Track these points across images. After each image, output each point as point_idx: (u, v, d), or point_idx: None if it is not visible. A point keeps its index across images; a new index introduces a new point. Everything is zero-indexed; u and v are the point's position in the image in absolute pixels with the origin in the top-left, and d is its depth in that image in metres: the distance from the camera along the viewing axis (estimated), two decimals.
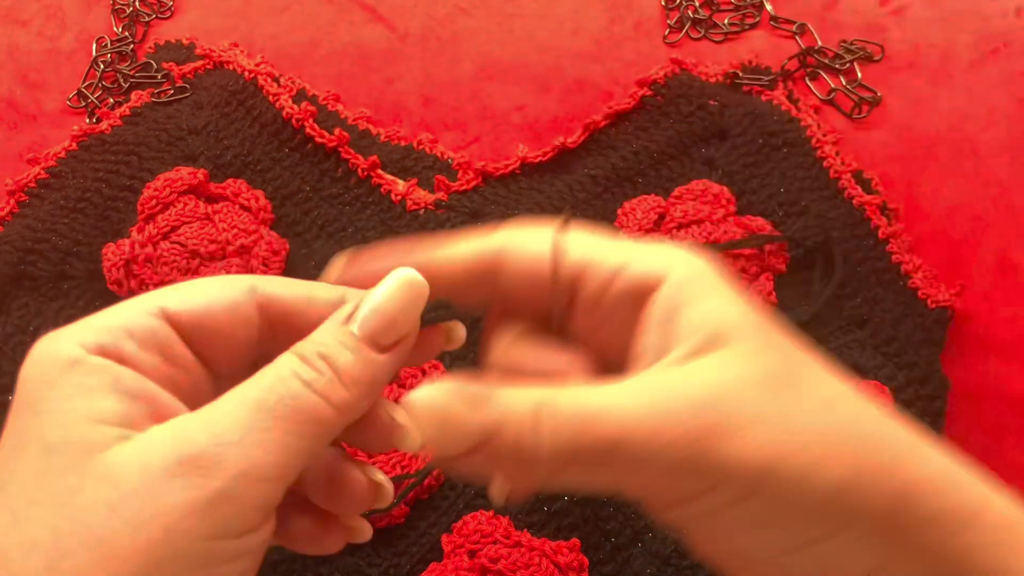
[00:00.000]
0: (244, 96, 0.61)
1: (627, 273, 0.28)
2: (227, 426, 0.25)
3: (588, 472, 0.26)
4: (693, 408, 0.25)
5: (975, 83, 0.63)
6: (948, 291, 0.55)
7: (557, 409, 0.26)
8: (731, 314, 0.27)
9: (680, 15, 0.68)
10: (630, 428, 0.25)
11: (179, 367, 0.28)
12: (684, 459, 0.25)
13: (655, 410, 0.25)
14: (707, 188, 0.56)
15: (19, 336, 0.53)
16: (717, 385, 0.26)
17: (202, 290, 0.28)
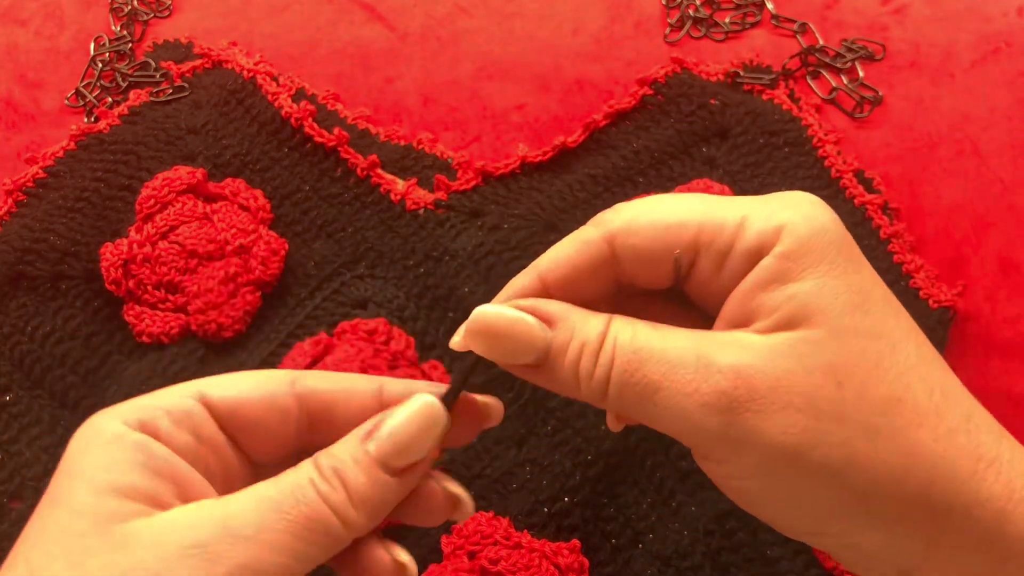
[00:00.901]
0: (243, 95, 0.61)
1: (743, 240, 0.28)
2: (242, 520, 0.26)
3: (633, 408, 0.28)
4: (730, 377, 0.26)
5: (976, 83, 0.63)
6: (950, 291, 0.54)
7: (618, 341, 0.28)
8: (823, 291, 0.27)
9: (681, 14, 0.67)
10: (672, 377, 0.26)
11: (210, 448, 0.29)
12: (710, 422, 0.26)
13: (700, 366, 0.26)
14: (708, 187, 0.56)
15: (17, 336, 0.53)
16: (767, 361, 0.26)
17: (243, 380, 0.30)
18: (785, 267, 0.27)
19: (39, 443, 0.51)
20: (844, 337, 0.26)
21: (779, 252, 0.27)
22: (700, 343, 0.27)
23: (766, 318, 0.27)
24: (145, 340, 0.53)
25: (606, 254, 0.29)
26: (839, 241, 0.28)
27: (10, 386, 0.52)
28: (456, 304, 0.54)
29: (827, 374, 0.26)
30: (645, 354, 0.27)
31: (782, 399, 0.26)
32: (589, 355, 0.28)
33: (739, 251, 0.28)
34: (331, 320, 0.53)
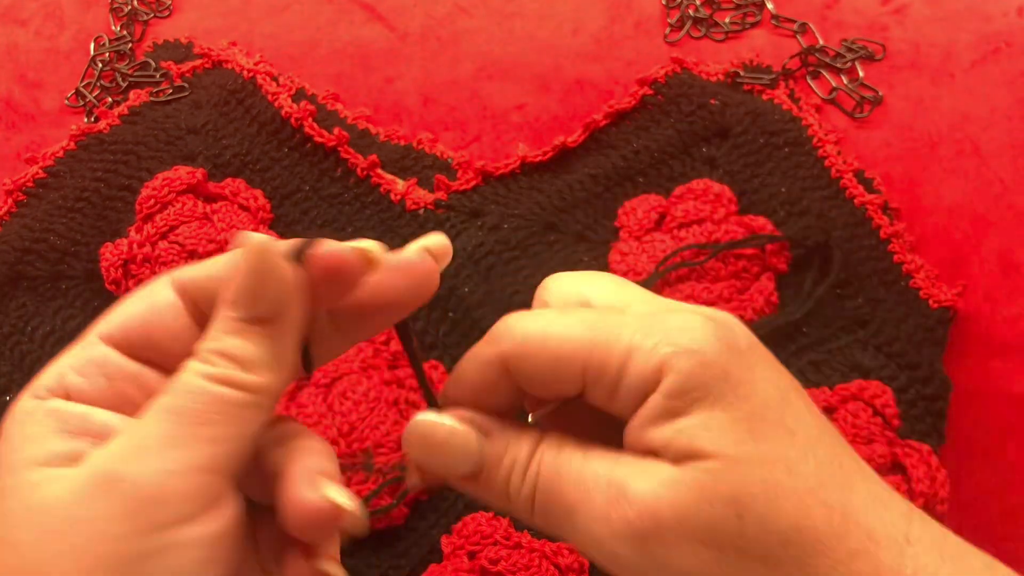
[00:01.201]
0: (243, 95, 0.61)
1: (627, 380, 0.28)
2: (145, 435, 0.27)
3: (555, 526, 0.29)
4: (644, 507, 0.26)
5: (976, 83, 0.63)
6: (950, 291, 0.54)
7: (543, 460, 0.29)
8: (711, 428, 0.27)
9: (681, 14, 0.67)
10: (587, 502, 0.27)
11: (126, 381, 0.29)
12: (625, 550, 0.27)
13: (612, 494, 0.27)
14: (708, 187, 0.56)
15: (17, 336, 0.53)
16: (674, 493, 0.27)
17: (128, 303, 0.30)
18: (671, 405, 0.27)
19: None
20: (740, 467, 0.26)
21: (664, 390, 0.27)
22: (615, 469, 0.28)
23: (663, 453, 0.27)
24: None
25: (501, 372, 0.29)
26: (724, 371, 0.27)
27: (10, 386, 0.52)
28: (456, 304, 0.54)
29: (727, 505, 0.26)
30: (564, 475, 0.28)
31: (687, 532, 0.26)
32: (519, 471, 0.29)
33: (625, 388, 0.28)
34: None
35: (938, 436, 0.50)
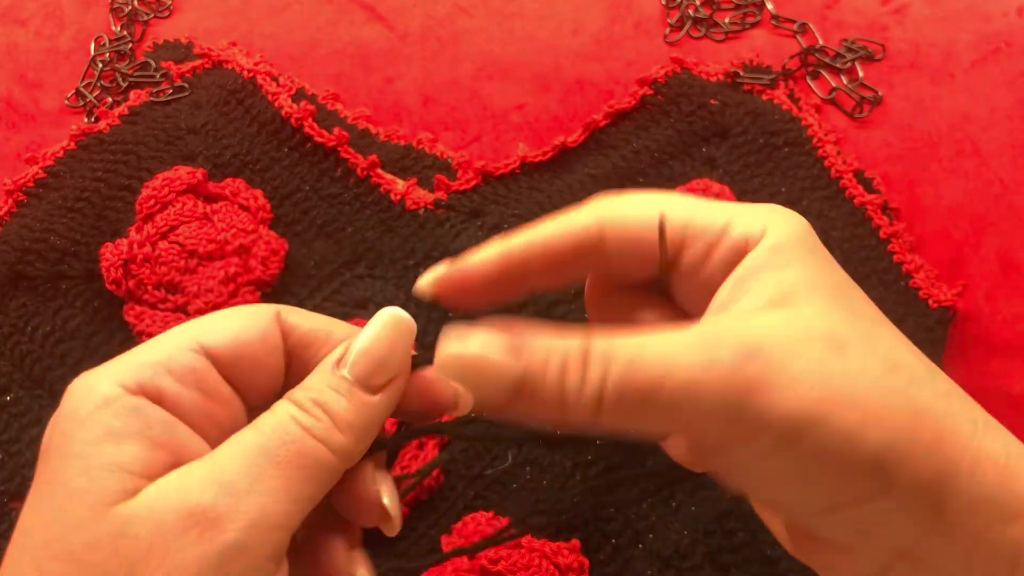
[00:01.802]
0: (243, 95, 0.61)
1: (729, 236, 0.29)
2: (235, 475, 0.25)
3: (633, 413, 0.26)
4: (741, 354, 0.25)
5: (976, 83, 0.63)
6: (950, 291, 0.54)
7: (609, 347, 0.26)
8: (810, 277, 0.28)
9: (681, 14, 0.67)
10: (674, 367, 0.25)
11: (216, 401, 0.28)
12: (726, 404, 0.25)
13: (703, 353, 0.25)
14: (708, 187, 0.56)
15: (17, 336, 0.53)
16: (771, 335, 0.26)
17: (234, 320, 0.29)
18: (772, 258, 0.28)
19: (39, 443, 0.51)
20: (834, 313, 0.27)
21: (767, 245, 0.28)
22: (699, 328, 0.27)
23: (756, 299, 0.27)
24: (145, 340, 0.53)
25: (595, 238, 0.29)
26: (816, 245, 0.29)
27: (10, 386, 0.52)
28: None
29: (827, 342, 0.26)
30: (640, 354, 0.26)
31: (792, 369, 0.25)
32: (574, 368, 0.26)
33: (726, 244, 0.29)
34: None
35: None
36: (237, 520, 0.25)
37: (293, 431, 0.26)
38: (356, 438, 0.27)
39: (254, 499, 0.25)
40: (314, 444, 0.26)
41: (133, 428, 0.26)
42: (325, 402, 0.27)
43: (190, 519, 0.24)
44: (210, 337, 0.28)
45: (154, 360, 0.27)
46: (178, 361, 0.27)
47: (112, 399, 0.26)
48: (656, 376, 0.25)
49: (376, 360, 0.28)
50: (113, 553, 0.24)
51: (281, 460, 0.26)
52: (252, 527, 0.25)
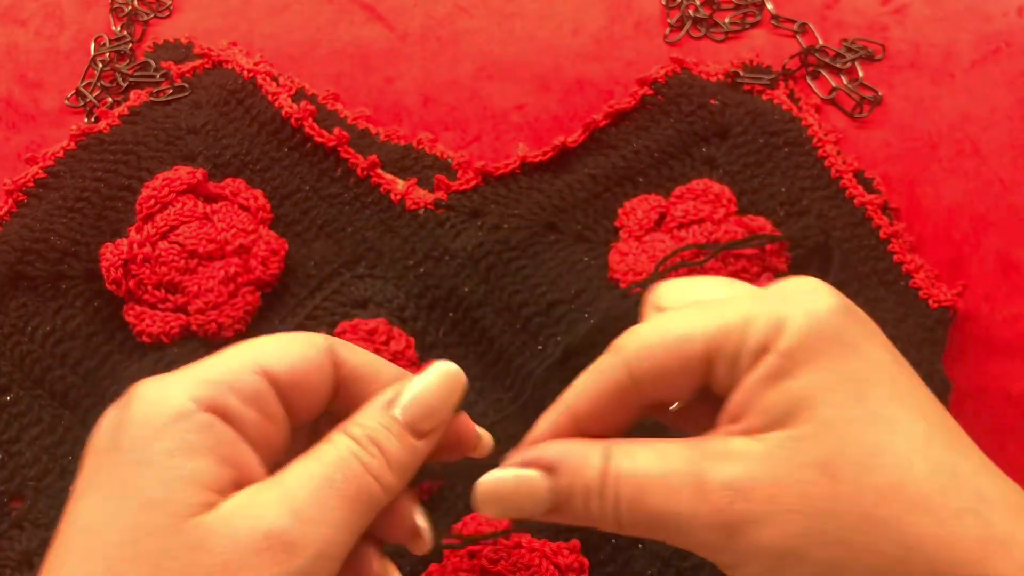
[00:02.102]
0: (243, 95, 0.61)
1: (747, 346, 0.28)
2: (304, 503, 0.27)
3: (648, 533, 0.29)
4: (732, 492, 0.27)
5: (976, 83, 0.63)
6: (950, 291, 0.54)
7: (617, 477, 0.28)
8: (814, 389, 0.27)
9: (681, 14, 0.67)
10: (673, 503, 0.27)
11: (273, 422, 0.30)
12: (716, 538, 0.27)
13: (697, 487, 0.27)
14: (708, 187, 0.56)
15: (17, 336, 0.53)
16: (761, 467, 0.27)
17: (293, 347, 0.31)
18: (782, 364, 0.27)
19: (39, 443, 0.51)
20: (835, 429, 0.26)
21: (778, 349, 0.27)
22: (695, 459, 0.28)
23: (757, 417, 0.27)
24: (145, 340, 0.53)
25: (625, 380, 0.30)
26: (839, 330, 0.27)
27: (10, 386, 0.52)
28: (456, 304, 0.54)
29: (820, 470, 0.26)
30: (645, 484, 0.28)
31: (778, 505, 0.26)
32: (595, 498, 0.29)
33: (745, 355, 0.28)
34: (331, 320, 0.53)
35: None
36: (308, 548, 0.26)
37: (354, 466, 0.28)
38: (402, 477, 0.30)
39: (322, 529, 0.27)
40: (370, 480, 0.28)
41: (206, 444, 0.27)
42: (379, 440, 0.29)
43: (264, 541, 0.26)
44: (271, 361, 0.30)
45: (221, 379, 0.29)
46: (243, 382, 0.29)
47: (187, 413, 0.27)
48: (657, 511, 0.28)
49: (427, 408, 0.30)
50: (190, 563, 0.25)
51: (344, 493, 0.28)
52: (319, 556, 0.27)
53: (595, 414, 0.30)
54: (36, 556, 0.48)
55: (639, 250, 0.55)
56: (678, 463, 0.28)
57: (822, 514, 0.26)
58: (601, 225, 0.57)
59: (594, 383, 0.30)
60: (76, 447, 0.51)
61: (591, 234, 0.57)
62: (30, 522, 0.49)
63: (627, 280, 0.54)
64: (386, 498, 0.29)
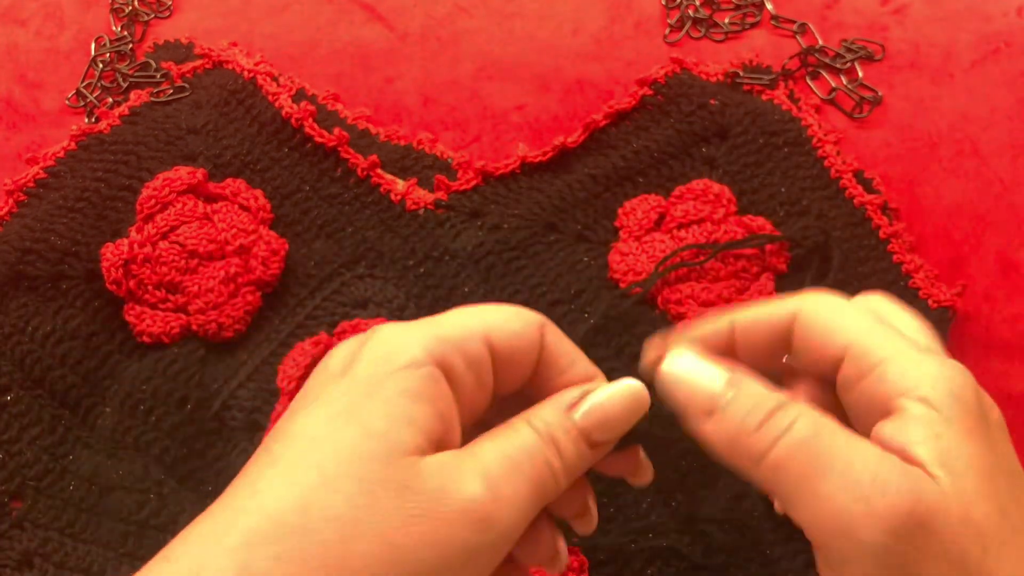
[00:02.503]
0: (243, 96, 0.61)
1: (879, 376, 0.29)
2: (501, 481, 0.28)
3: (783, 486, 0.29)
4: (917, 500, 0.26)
5: (976, 83, 0.63)
6: (949, 291, 0.54)
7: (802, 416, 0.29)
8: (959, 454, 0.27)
9: (680, 14, 0.67)
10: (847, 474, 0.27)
11: (482, 390, 0.31)
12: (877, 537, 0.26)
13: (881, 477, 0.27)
14: (708, 188, 0.56)
15: (17, 336, 0.53)
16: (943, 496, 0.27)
17: (515, 321, 0.31)
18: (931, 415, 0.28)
19: (39, 443, 0.51)
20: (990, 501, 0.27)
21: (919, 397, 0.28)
22: (883, 458, 0.27)
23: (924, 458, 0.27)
24: (146, 340, 0.53)
25: (783, 329, 0.31)
26: (972, 411, 0.28)
27: (10, 386, 0.52)
28: (456, 304, 0.54)
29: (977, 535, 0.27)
30: (826, 440, 0.28)
31: (946, 544, 0.26)
32: (758, 413, 0.29)
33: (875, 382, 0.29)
34: (331, 320, 0.53)
35: None
36: (500, 523, 0.27)
37: (540, 456, 0.29)
38: (568, 482, 0.30)
39: (511, 510, 0.28)
40: (548, 475, 0.29)
41: (430, 395, 0.28)
42: (559, 440, 0.29)
43: (466, 505, 0.27)
44: (495, 331, 0.30)
45: (453, 339, 0.29)
46: (470, 347, 0.30)
47: (419, 363, 0.28)
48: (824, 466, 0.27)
49: (606, 421, 0.30)
50: (396, 497, 0.26)
51: (531, 479, 0.28)
52: (507, 533, 0.28)
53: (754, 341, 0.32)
54: (36, 556, 0.48)
55: (639, 250, 0.55)
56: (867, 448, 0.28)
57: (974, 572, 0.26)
58: (601, 225, 0.57)
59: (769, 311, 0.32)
60: (76, 447, 0.51)
61: (591, 234, 0.57)
62: (30, 522, 0.49)
63: (627, 280, 0.54)
64: (555, 495, 0.30)
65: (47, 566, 0.48)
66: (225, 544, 0.26)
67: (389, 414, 0.28)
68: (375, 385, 0.28)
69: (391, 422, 0.27)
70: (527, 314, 0.31)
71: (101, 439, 0.51)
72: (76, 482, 0.50)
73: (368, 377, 0.28)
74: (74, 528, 0.49)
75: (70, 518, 0.49)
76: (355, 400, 0.28)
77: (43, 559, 0.48)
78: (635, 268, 0.54)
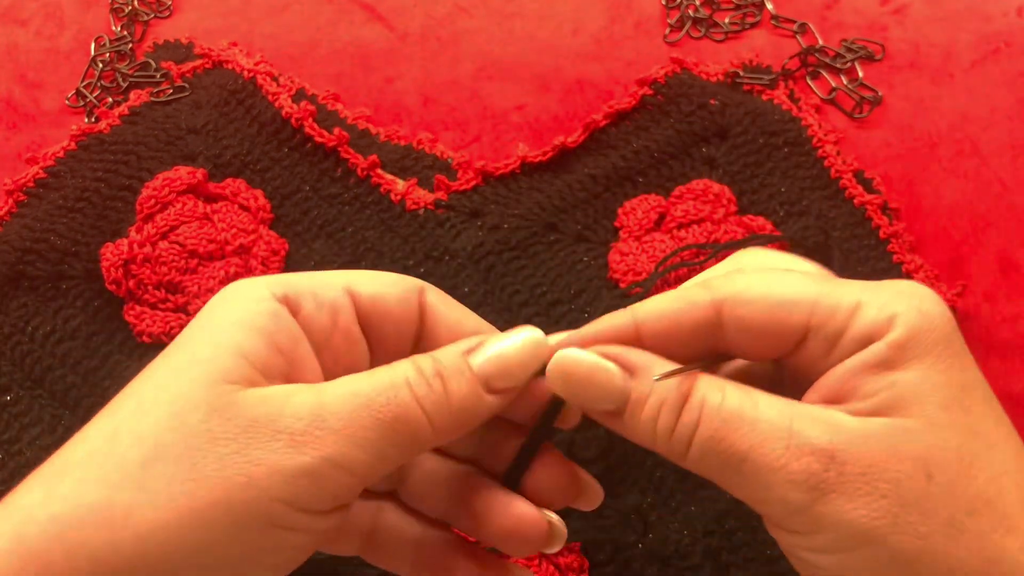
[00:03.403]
0: (243, 95, 0.61)
1: (854, 328, 0.28)
2: (332, 411, 0.27)
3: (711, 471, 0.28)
4: (828, 456, 0.26)
5: (976, 83, 0.63)
6: (949, 291, 0.54)
7: (706, 404, 0.28)
8: (924, 386, 0.27)
9: (681, 14, 0.67)
10: (761, 449, 0.27)
11: (344, 337, 0.30)
12: (795, 498, 0.26)
13: (792, 442, 0.27)
14: (708, 187, 0.56)
15: (17, 336, 0.53)
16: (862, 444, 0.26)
17: (383, 279, 0.31)
18: (893, 355, 0.27)
19: (39, 443, 0.51)
20: (940, 431, 0.27)
21: (890, 340, 0.27)
22: (793, 416, 0.27)
23: (863, 400, 0.27)
24: (146, 340, 0.53)
25: (711, 319, 0.29)
26: (948, 337, 0.28)
27: (10, 386, 0.52)
28: None
29: (918, 464, 0.26)
30: (735, 423, 0.27)
31: (870, 483, 0.26)
32: (668, 412, 0.28)
33: (850, 336, 0.28)
34: None
35: None
36: (318, 450, 0.27)
37: (402, 394, 0.28)
38: (457, 423, 0.29)
39: (341, 440, 0.27)
40: (418, 413, 0.28)
41: (265, 327, 0.28)
42: (447, 378, 0.29)
43: (279, 433, 0.27)
44: (357, 283, 0.31)
45: (303, 283, 0.30)
46: (323, 290, 0.30)
47: (258, 298, 0.29)
48: (738, 452, 0.27)
49: (505, 368, 0.30)
50: (204, 419, 0.26)
51: (380, 416, 0.27)
52: (327, 460, 0.27)
53: (663, 337, 0.30)
54: None
55: (639, 250, 0.55)
56: (772, 413, 0.27)
57: (911, 506, 0.26)
58: (601, 225, 0.57)
59: (673, 307, 0.30)
60: None
61: (591, 234, 0.57)
62: None
63: (627, 280, 0.54)
64: (433, 439, 0.29)
65: None
66: (42, 473, 0.27)
67: (216, 342, 0.28)
68: (208, 319, 0.29)
69: (217, 350, 0.28)
70: (401, 276, 0.32)
71: None
72: None
73: (204, 315, 0.29)
74: None
75: None
76: (189, 332, 0.29)
77: None
78: (635, 268, 0.54)
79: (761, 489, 0.27)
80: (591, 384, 0.29)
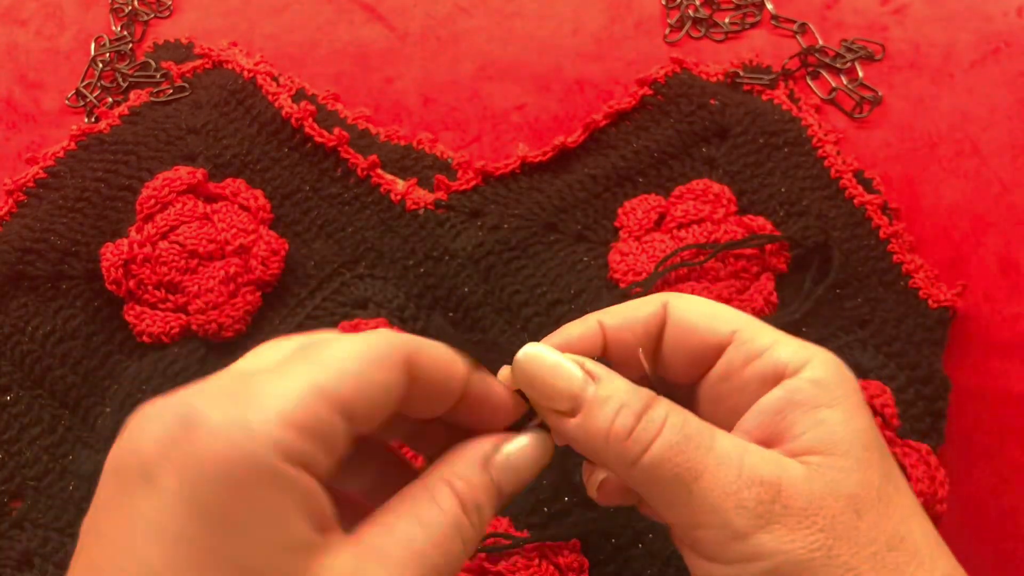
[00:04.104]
0: (243, 95, 0.61)
1: (771, 354, 0.31)
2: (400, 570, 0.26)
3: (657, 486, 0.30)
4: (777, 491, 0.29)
5: (976, 83, 0.63)
6: (949, 291, 0.54)
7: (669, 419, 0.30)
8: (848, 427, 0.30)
9: (681, 14, 0.67)
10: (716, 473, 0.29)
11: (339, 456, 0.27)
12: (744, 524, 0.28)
13: (745, 472, 0.29)
14: (708, 187, 0.56)
15: (17, 336, 0.53)
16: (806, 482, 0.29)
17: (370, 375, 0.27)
18: (815, 392, 0.30)
19: (39, 443, 0.51)
20: (865, 471, 0.29)
21: (810, 378, 0.30)
22: (744, 450, 0.30)
23: (794, 440, 0.30)
24: (146, 340, 0.53)
25: (660, 320, 0.32)
26: (856, 388, 0.31)
27: (10, 386, 0.52)
28: (456, 304, 0.54)
29: (850, 502, 0.29)
30: (695, 442, 0.29)
31: (810, 518, 0.28)
32: (628, 414, 0.30)
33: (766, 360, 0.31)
34: (331, 320, 0.53)
35: (937, 436, 0.50)
36: None
37: (455, 547, 0.28)
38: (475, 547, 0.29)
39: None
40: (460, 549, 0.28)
41: (297, 504, 0.25)
42: (482, 507, 0.29)
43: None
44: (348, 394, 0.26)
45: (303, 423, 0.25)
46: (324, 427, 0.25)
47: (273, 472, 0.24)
48: (694, 469, 0.29)
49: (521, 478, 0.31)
50: None
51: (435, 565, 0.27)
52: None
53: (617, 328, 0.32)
54: (36, 556, 0.48)
55: (639, 250, 0.55)
56: (727, 444, 0.30)
57: (843, 540, 0.28)
58: (601, 225, 0.57)
59: (632, 310, 0.32)
60: (76, 447, 0.51)
61: (591, 234, 0.57)
62: (30, 522, 0.49)
63: (627, 280, 0.54)
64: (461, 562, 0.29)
65: (47, 566, 0.48)
66: None
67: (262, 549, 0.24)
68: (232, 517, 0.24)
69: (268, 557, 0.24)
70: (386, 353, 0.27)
71: (101, 439, 0.51)
72: (76, 482, 0.50)
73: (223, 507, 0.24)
74: (74, 528, 0.49)
75: (70, 518, 0.49)
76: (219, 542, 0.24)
77: (43, 559, 0.48)
78: (635, 268, 0.54)
79: (707, 512, 0.29)
80: (553, 381, 0.30)
